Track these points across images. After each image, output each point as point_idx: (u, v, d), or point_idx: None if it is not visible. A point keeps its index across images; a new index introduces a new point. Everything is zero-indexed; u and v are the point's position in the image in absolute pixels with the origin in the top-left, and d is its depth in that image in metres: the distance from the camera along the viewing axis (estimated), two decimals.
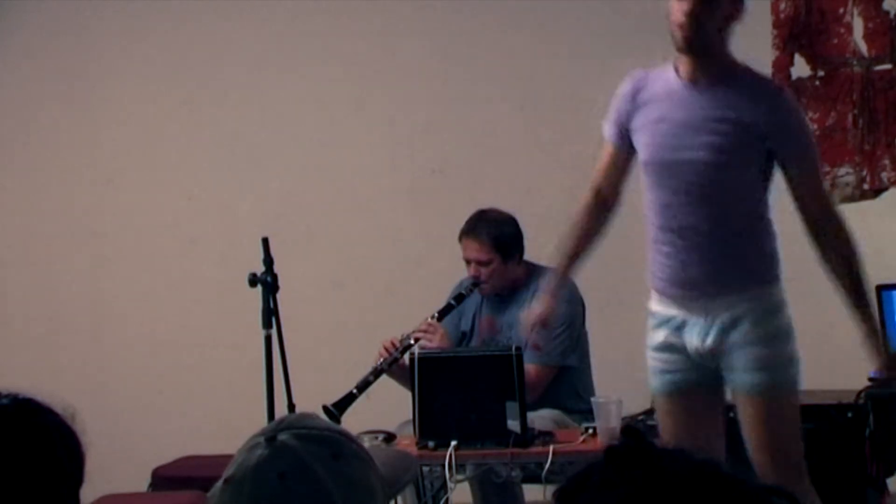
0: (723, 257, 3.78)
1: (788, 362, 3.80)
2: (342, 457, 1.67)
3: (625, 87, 3.91)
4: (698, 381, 3.82)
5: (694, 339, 3.79)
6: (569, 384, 4.88)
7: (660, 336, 3.85)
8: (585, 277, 5.05)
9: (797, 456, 3.77)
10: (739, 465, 4.66)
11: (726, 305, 3.77)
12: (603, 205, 4.04)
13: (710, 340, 3.77)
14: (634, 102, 3.87)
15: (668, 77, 3.83)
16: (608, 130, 3.96)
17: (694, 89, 3.77)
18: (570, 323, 4.88)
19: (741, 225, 3.82)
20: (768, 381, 3.75)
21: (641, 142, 3.84)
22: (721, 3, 3.75)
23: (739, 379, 3.78)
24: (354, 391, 4.70)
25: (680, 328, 3.81)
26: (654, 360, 3.88)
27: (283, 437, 1.68)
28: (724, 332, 3.76)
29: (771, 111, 3.74)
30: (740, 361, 3.76)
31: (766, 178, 3.83)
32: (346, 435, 1.74)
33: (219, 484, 1.69)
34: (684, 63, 3.80)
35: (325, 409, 4.61)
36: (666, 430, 3.87)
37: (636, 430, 1.20)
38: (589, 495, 1.17)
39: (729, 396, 3.94)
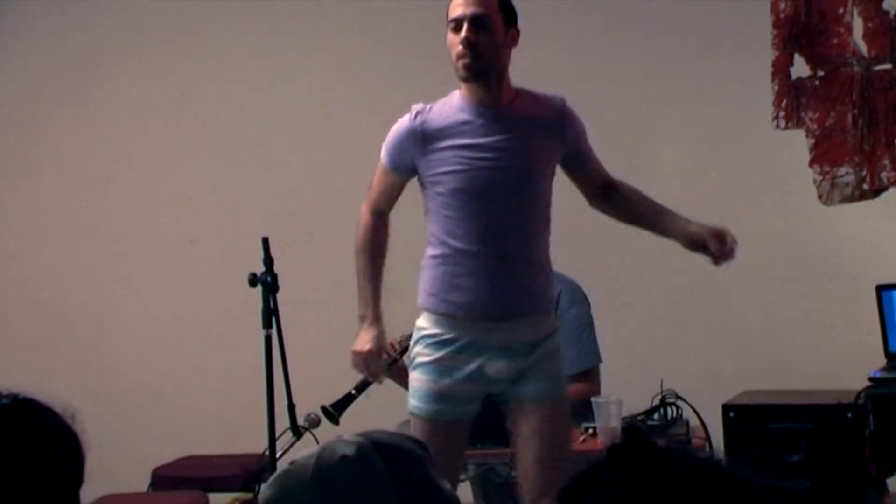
0: (532, 281, 3.84)
1: (563, 378, 3.93)
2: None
3: (410, 118, 3.94)
4: (468, 413, 3.88)
5: (484, 365, 3.81)
6: None
7: (440, 356, 3.86)
8: (586, 278, 5.06)
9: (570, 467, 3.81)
10: (739, 465, 4.66)
11: (529, 328, 3.82)
12: (384, 225, 4.11)
13: (500, 366, 3.81)
14: (424, 133, 3.89)
15: (456, 105, 3.89)
16: (390, 158, 4.01)
17: (485, 114, 3.85)
18: (586, 321, 4.89)
19: (540, 248, 3.90)
20: (563, 391, 3.88)
21: (443, 170, 3.86)
22: (496, 32, 3.83)
23: (538, 388, 3.82)
24: (353, 392, 4.70)
25: (468, 353, 3.83)
26: (427, 382, 3.87)
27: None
28: (517, 359, 3.81)
29: (563, 117, 3.93)
30: (543, 373, 3.82)
31: (549, 200, 3.97)
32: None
33: (313, 453, 1.67)
34: (471, 91, 3.87)
35: (324, 409, 4.61)
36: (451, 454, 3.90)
37: (638, 430, 1.20)
38: (593, 494, 1.17)
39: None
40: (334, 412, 4.63)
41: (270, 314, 4.29)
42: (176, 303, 6.33)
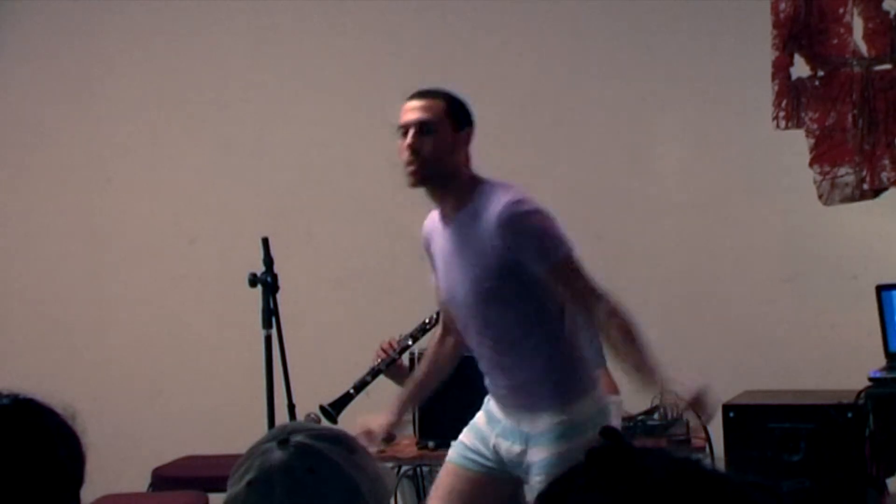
0: (515, 383, 3.77)
1: None
2: (356, 452, 1.76)
3: (422, 234, 3.98)
4: (496, 475, 3.83)
5: (503, 443, 3.82)
6: None
7: (481, 422, 3.89)
8: None
9: None
10: (738, 466, 4.66)
11: (528, 422, 3.76)
12: (450, 339, 4.06)
13: (515, 449, 3.79)
14: (428, 243, 3.94)
15: (435, 217, 3.89)
16: (432, 276, 4.00)
17: (446, 225, 3.80)
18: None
19: (527, 351, 3.74)
20: None
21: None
22: (442, 137, 3.74)
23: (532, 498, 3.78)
24: (351, 391, 4.71)
25: (496, 427, 3.84)
26: (466, 435, 3.92)
27: (297, 438, 1.72)
28: (525, 447, 3.77)
29: (505, 225, 3.62)
30: (532, 481, 3.75)
31: (539, 298, 3.72)
32: (349, 434, 1.82)
33: (238, 489, 1.71)
34: (432, 198, 3.82)
35: (322, 408, 4.61)
36: (442, 492, 3.90)
37: (615, 431, 1.21)
38: (573, 498, 1.17)
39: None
40: (332, 411, 4.64)
41: (270, 314, 4.29)
42: (175, 303, 6.33)
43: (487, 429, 3.85)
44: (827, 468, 4.64)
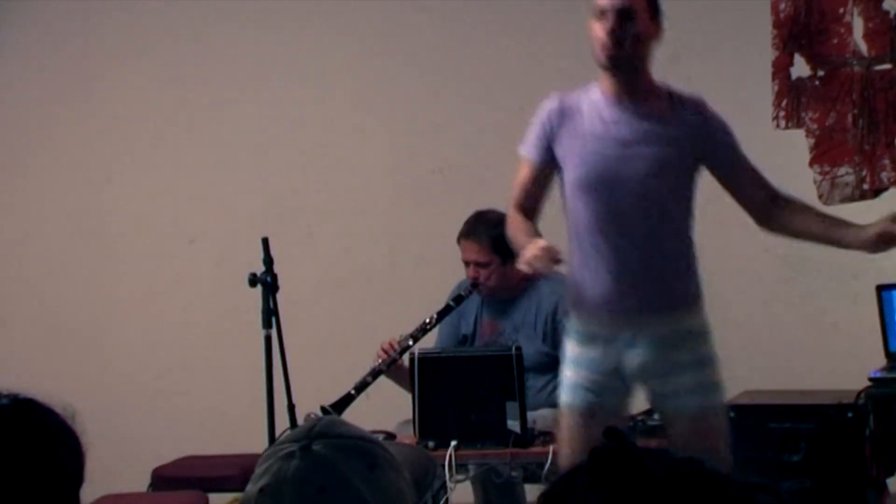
0: (656, 275, 3.79)
1: (717, 387, 3.83)
2: (377, 467, 1.71)
3: (549, 106, 3.90)
4: (611, 405, 3.79)
5: (621, 357, 3.77)
6: None
7: (582, 352, 3.82)
8: None
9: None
10: (738, 466, 4.66)
11: (656, 325, 3.77)
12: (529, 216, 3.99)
13: (637, 360, 3.76)
14: (560, 121, 3.86)
15: (592, 96, 3.85)
16: (528, 150, 3.93)
17: (620, 106, 3.81)
18: None
19: (674, 243, 3.85)
20: (702, 404, 3.76)
21: (571, 161, 3.83)
22: (641, 24, 3.78)
23: (673, 403, 3.80)
24: (352, 392, 4.70)
25: (605, 346, 3.79)
26: (573, 375, 3.84)
27: (317, 446, 1.69)
28: (654, 353, 3.76)
29: (695, 119, 3.86)
30: (672, 386, 3.76)
31: (693, 198, 3.91)
32: (376, 443, 1.77)
33: (251, 491, 1.70)
34: (608, 82, 3.83)
35: (323, 409, 4.61)
36: (565, 443, 3.85)
37: (618, 432, 1.21)
38: (575, 498, 1.17)
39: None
40: (333, 412, 4.63)
41: (270, 314, 4.29)
42: (175, 303, 6.33)
43: (592, 352, 3.78)
44: (827, 468, 4.64)
